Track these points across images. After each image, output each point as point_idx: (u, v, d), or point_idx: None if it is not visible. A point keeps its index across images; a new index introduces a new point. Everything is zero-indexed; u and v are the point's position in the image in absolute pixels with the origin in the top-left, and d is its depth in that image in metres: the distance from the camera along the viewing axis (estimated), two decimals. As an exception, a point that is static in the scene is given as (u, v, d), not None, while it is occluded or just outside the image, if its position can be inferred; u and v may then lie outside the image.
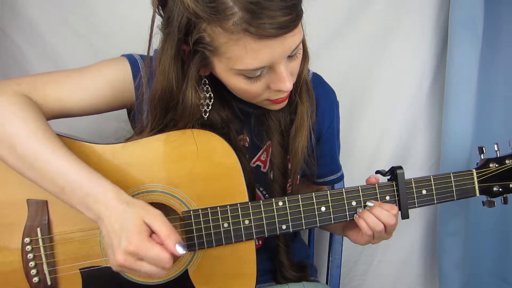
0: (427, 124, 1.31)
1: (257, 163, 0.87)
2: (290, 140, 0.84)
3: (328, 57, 1.20)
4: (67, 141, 0.72)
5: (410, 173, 1.36)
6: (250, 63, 0.65)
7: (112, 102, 0.80)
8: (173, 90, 0.71)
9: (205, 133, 0.75)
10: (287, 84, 0.69)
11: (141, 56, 0.82)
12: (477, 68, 1.16)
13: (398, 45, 1.24)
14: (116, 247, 0.63)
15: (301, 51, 0.73)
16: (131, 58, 0.81)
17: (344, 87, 1.23)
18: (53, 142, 0.67)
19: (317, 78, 0.92)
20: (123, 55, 0.82)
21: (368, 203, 0.77)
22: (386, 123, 1.29)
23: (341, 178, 1.01)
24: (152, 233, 0.64)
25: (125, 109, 0.88)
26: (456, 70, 1.17)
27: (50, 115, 0.74)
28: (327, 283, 1.11)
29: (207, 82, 0.76)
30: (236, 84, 0.70)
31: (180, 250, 0.63)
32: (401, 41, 1.24)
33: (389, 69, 1.25)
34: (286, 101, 0.78)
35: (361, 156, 1.30)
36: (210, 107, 0.77)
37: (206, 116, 0.77)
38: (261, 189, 0.88)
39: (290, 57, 0.69)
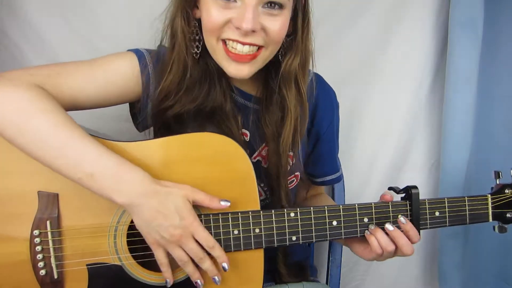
0: (427, 124, 1.31)
1: (257, 158, 0.87)
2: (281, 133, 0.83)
3: (328, 57, 1.20)
4: None
5: (410, 173, 1.36)
6: None
7: (122, 94, 0.80)
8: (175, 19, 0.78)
9: (221, 138, 0.74)
10: (247, 22, 0.70)
11: (147, 50, 0.82)
12: (477, 68, 1.17)
13: (398, 45, 1.24)
14: (169, 225, 0.66)
15: (283, 18, 0.74)
16: (138, 52, 0.81)
17: (344, 87, 1.22)
18: (78, 131, 0.67)
19: (318, 78, 0.92)
20: (129, 50, 0.82)
21: (401, 218, 0.75)
22: (386, 123, 1.29)
23: (340, 178, 1.01)
24: None
25: (127, 109, 0.88)
26: (456, 70, 1.17)
27: (63, 107, 0.73)
28: (327, 283, 1.11)
29: (197, 25, 0.79)
30: (208, 8, 0.73)
31: (227, 203, 0.71)
32: (401, 41, 1.24)
33: (389, 69, 1.26)
34: (245, 68, 0.76)
35: (361, 156, 1.30)
36: (200, 50, 0.79)
37: (197, 57, 0.79)
38: (261, 184, 0.88)
39: (268, 9, 0.72)
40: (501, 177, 0.83)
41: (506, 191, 0.82)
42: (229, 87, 0.83)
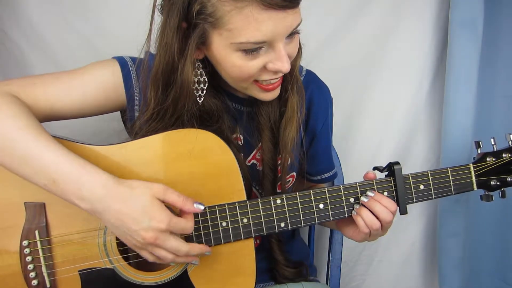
0: (427, 124, 1.31)
1: (252, 161, 0.87)
2: (280, 133, 0.83)
3: (328, 57, 1.21)
4: (64, 143, 0.71)
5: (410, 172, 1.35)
6: (252, 35, 0.65)
7: (103, 104, 0.80)
8: (174, 62, 0.70)
9: (202, 132, 0.75)
10: (285, 64, 0.69)
11: (132, 58, 0.82)
12: (477, 68, 1.16)
13: (398, 45, 1.24)
14: (138, 228, 0.63)
15: (298, 37, 0.73)
16: (121, 60, 0.81)
17: (344, 87, 1.23)
18: (44, 137, 0.66)
19: (310, 75, 0.92)
20: (113, 57, 0.82)
21: (369, 193, 0.77)
22: (386, 123, 1.29)
23: (336, 174, 1.01)
24: None
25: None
26: (456, 70, 1.17)
27: (40, 116, 0.74)
28: (327, 283, 1.11)
29: (201, 66, 0.75)
30: (233, 61, 0.69)
31: (200, 206, 0.67)
32: (401, 41, 1.24)
33: (389, 69, 1.25)
34: (277, 90, 0.77)
35: (361, 156, 1.30)
36: (204, 92, 0.76)
37: (201, 101, 0.76)
38: (257, 187, 0.88)
39: (289, 38, 0.69)
40: (481, 146, 0.84)
41: (488, 159, 0.83)
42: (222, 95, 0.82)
